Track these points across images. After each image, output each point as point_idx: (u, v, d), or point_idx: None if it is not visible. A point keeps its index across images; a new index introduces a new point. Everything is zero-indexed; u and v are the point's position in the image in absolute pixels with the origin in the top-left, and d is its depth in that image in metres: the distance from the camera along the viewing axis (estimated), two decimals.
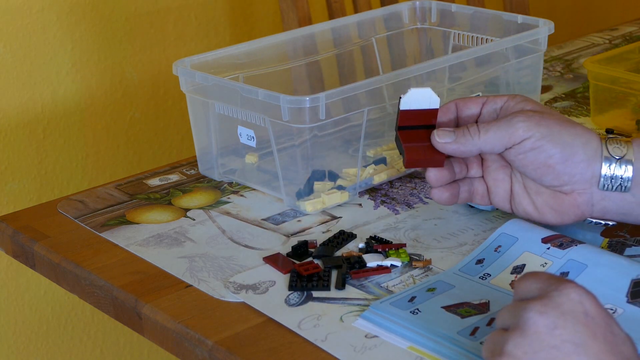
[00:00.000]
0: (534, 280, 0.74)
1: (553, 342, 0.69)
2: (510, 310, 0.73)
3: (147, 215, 1.09)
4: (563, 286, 0.71)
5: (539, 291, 0.72)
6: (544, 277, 0.74)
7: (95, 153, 1.84)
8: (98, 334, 1.91)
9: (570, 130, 0.92)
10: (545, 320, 0.70)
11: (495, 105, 0.97)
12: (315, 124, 1.02)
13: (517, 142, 0.92)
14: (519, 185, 0.96)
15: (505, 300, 0.88)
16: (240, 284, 0.94)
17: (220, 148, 1.14)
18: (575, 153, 0.92)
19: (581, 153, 0.92)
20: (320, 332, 0.86)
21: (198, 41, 1.94)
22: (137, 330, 0.94)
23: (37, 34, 1.72)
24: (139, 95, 1.88)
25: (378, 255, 0.97)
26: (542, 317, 0.70)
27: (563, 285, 0.72)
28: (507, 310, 0.74)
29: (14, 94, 1.72)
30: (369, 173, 1.11)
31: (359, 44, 1.30)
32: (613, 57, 1.29)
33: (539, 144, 0.91)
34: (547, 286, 0.72)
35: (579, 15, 2.62)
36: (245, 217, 1.07)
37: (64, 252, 1.02)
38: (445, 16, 1.31)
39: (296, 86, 1.25)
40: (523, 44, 1.20)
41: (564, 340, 0.69)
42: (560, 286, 0.72)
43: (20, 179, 1.76)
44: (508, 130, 0.92)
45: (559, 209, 0.94)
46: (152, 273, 0.97)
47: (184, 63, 1.13)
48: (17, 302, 1.80)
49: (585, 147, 0.92)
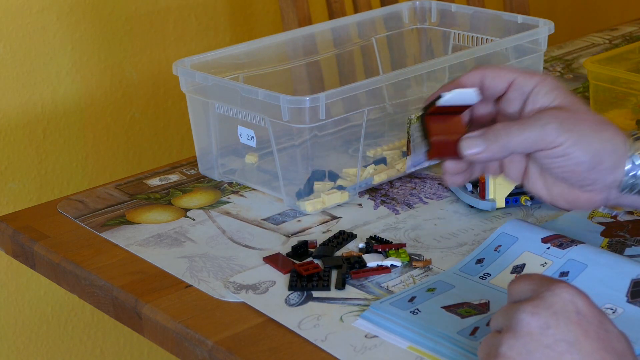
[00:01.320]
0: (527, 282, 0.74)
1: (546, 342, 0.70)
2: (504, 312, 0.74)
3: (147, 215, 1.09)
4: (555, 286, 0.72)
5: (532, 292, 0.73)
6: (537, 278, 0.74)
7: (95, 153, 1.84)
8: (98, 334, 1.91)
9: (600, 136, 0.89)
10: (537, 320, 0.70)
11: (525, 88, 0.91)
12: (315, 124, 1.02)
13: (548, 148, 0.90)
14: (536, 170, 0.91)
15: (505, 300, 0.88)
16: (240, 284, 0.94)
17: (220, 148, 1.14)
18: (602, 161, 0.89)
19: (608, 160, 0.89)
20: (320, 332, 0.86)
21: (198, 41, 1.94)
22: (137, 330, 0.94)
23: (37, 34, 1.72)
24: (139, 95, 1.88)
25: (378, 255, 0.97)
26: (534, 318, 0.71)
27: (555, 285, 0.72)
28: (501, 313, 0.74)
29: (14, 94, 1.72)
30: (369, 173, 1.11)
31: (359, 44, 1.30)
32: (613, 57, 1.29)
33: (569, 151, 0.88)
34: (539, 287, 0.73)
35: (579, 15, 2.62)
36: (245, 217, 1.07)
37: (64, 252, 1.02)
38: (445, 16, 1.31)
39: (296, 86, 1.25)
40: (523, 44, 1.20)
41: (557, 339, 0.70)
42: (551, 286, 0.72)
43: (20, 179, 1.76)
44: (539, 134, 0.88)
45: (572, 201, 0.92)
46: (152, 273, 0.97)
47: (184, 63, 1.13)
48: (17, 302, 1.80)
49: (612, 155, 0.89)
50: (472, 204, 1.05)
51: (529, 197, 1.04)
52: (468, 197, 1.05)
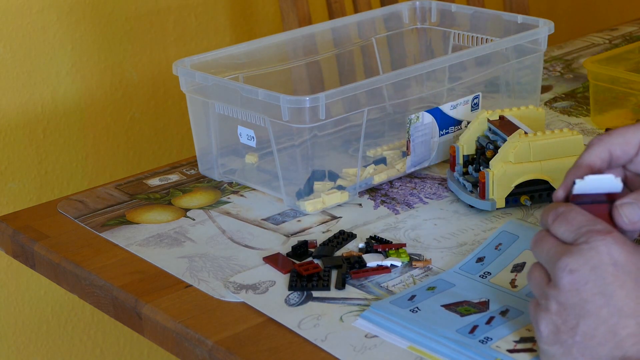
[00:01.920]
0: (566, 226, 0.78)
1: (585, 296, 0.75)
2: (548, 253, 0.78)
3: (147, 215, 1.09)
4: (593, 239, 0.75)
5: (572, 238, 0.77)
6: (576, 222, 0.77)
7: (95, 153, 1.84)
8: (98, 334, 1.91)
9: None
10: (577, 277, 0.75)
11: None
12: (315, 124, 1.02)
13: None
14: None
15: (505, 298, 0.88)
16: (240, 284, 0.94)
17: (220, 148, 1.14)
18: None
19: None
20: (320, 332, 0.86)
21: (198, 41, 1.94)
22: (137, 330, 0.94)
23: (37, 34, 1.72)
24: (139, 95, 1.88)
25: (378, 255, 0.97)
26: (573, 276, 0.75)
27: (592, 238, 0.75)
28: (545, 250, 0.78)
29: (14, 94, 1.72)
30: (369, 173, 1.11)
31: (359, 44, 1.30)
32: (613, 57, 1.29)
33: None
34: (578, 236, 0.76)
35: (579, 15, 2.62)
36: (245, 217, 1.07)
37: (64, 252, 1.02)
38: (445, 16, 1.31)
39: (296, 86, 1.25)
40: (523, 44, 1.20)
41: (594, 293, 0.74)
42: (590, 238, 0.76)
43: (20, 179, 1.76)
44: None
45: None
46: (152, 273, 0.97)
47: (184, 63, 1.13)
48: (17, 302, 1.80)
49: None
50: (472, 203, 1.05)
51: (528, 197, 1.05)
52: (468, 197, 1.05)
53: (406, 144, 1.12)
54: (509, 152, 1.03)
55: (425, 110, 1.11)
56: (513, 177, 1.03)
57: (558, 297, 0.75)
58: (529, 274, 0.80)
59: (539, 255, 0.79)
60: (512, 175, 1.03)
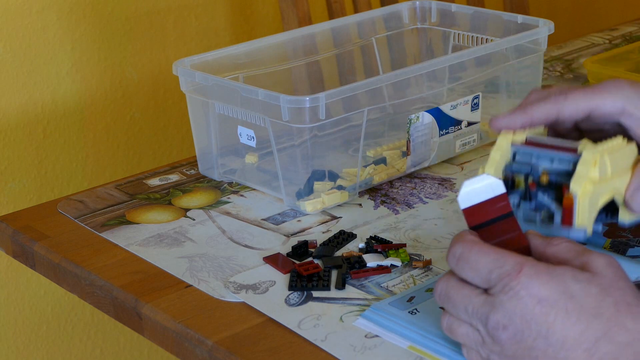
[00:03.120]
0: (472, 272, 0.75)
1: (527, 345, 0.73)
2: (466, 309, 0.75)
3: (147, 215, 1.09)
4: (508, 287, 0.73)
5: (485, 285, 0.75)
6: (481, 266, 0.75)
7: (95, 153, 1.84)
8: (98, 334, 1.91)
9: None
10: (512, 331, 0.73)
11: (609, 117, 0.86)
12: (315, 124, 1.02)
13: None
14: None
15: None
16: (240, 284, 0.94)
17: (220, 148, 1.14)
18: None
19: None
20: (320, 332, 0.86)
21: (198, 41, 1.94)
22: (137, 330, 0.94)
23: (37, 34, 1.72)
24: (139, 95, 1.88)
25: (378, 255, 0.97)
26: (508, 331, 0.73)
27: (507, 286, 0.73)
28: (462, 307, 0.76)
29: (14, 94, 1.72)
30: (369, 173, 1.11)
31: (359, 44, 1.30)
32: (613, 57, 1.30)
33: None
34: (490, 285, 0.74)
35: (579, 15, 2.62)
36: (245, 217, 1.07)
37: (64, 252, 1.02)
38: (445, 16, 1.31)
39: (296, 86, 1.25)
40: (523, 44, 1.20)
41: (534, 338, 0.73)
42: (505, 287, 0.73)
43: (20, 179, 1.76)
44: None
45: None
46: (152, 273, 0.97)
47: (184, 63, 1.13)
48: (17, 302, 1.80)
49: None
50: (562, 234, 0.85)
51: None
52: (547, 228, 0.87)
53: (406, 144, 1.12)
54: (589, 167, 0.84)
55: (425, 110, 1.11)
56: (598, 197, 0.85)
57: (503, 352, 0.74)
58: (450, 331, 0.78)
59: (454, 310, 0.77)
60: (597, 195, 0.85)
